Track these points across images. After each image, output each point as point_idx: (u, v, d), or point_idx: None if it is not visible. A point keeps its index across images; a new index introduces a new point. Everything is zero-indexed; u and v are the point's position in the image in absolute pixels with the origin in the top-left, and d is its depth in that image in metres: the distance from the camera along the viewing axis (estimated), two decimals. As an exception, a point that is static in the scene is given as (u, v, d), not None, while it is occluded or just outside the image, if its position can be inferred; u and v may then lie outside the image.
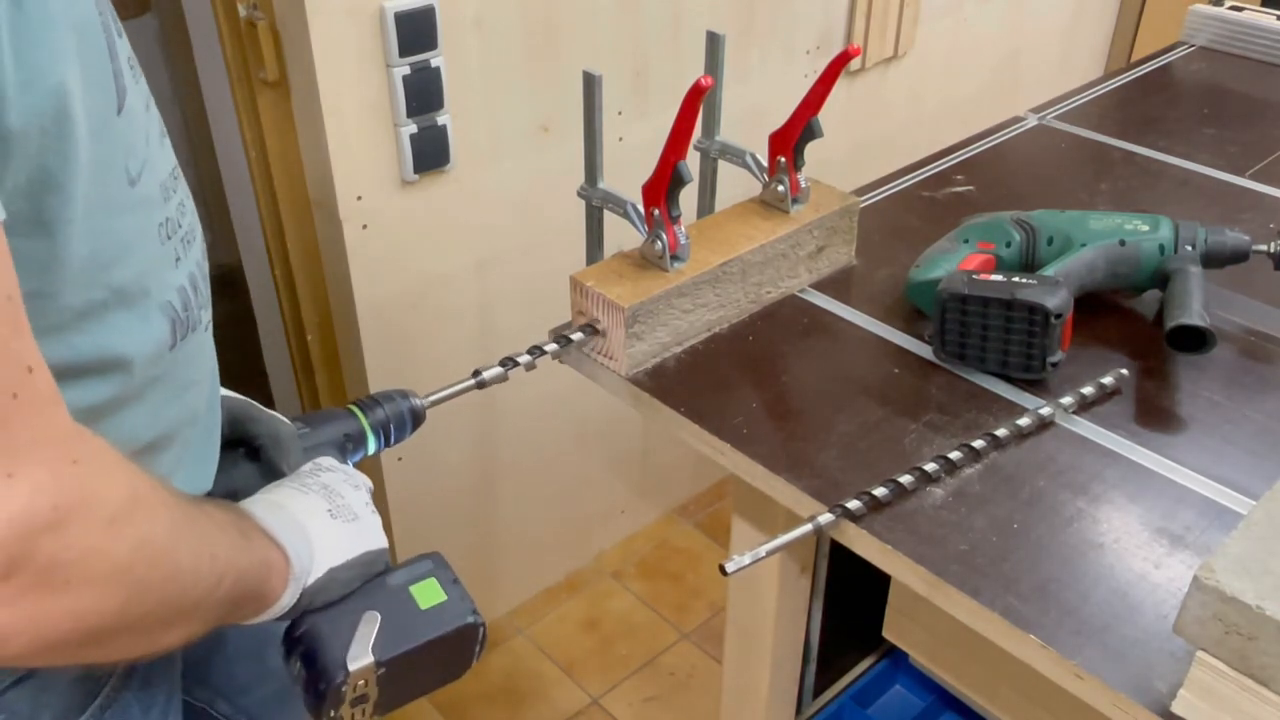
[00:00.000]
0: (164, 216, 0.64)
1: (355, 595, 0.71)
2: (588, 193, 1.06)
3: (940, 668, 1.24)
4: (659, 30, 1.64)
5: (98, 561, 0.51)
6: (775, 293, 1.11)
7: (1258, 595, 0.62)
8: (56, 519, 0.49)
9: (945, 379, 1.00)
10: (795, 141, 1.06)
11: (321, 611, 0.70)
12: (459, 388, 0.95)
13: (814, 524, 0.84)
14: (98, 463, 0.52)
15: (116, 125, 0.58)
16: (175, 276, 0.66)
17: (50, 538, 0.48)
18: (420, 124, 1.41)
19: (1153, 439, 0.93)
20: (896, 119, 2.16)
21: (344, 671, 0.68)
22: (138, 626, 0.56)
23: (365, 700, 0.70)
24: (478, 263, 1.60)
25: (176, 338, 0.66)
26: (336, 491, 0.74)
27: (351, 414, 0.86)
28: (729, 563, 0.80)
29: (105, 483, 0.52)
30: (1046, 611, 0.77)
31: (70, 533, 0.49)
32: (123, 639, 0.56)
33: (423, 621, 0.72)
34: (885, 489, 0.85)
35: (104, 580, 0.52)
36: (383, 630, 0.70)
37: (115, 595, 0.53)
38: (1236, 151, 1.44)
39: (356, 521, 0.72)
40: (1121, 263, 1.06)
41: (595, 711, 1.83)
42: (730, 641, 1.28)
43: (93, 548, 0.51)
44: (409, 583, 0.73)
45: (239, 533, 0.65)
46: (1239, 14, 1.76)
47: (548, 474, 1.91)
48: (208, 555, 0.60)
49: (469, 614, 0.73)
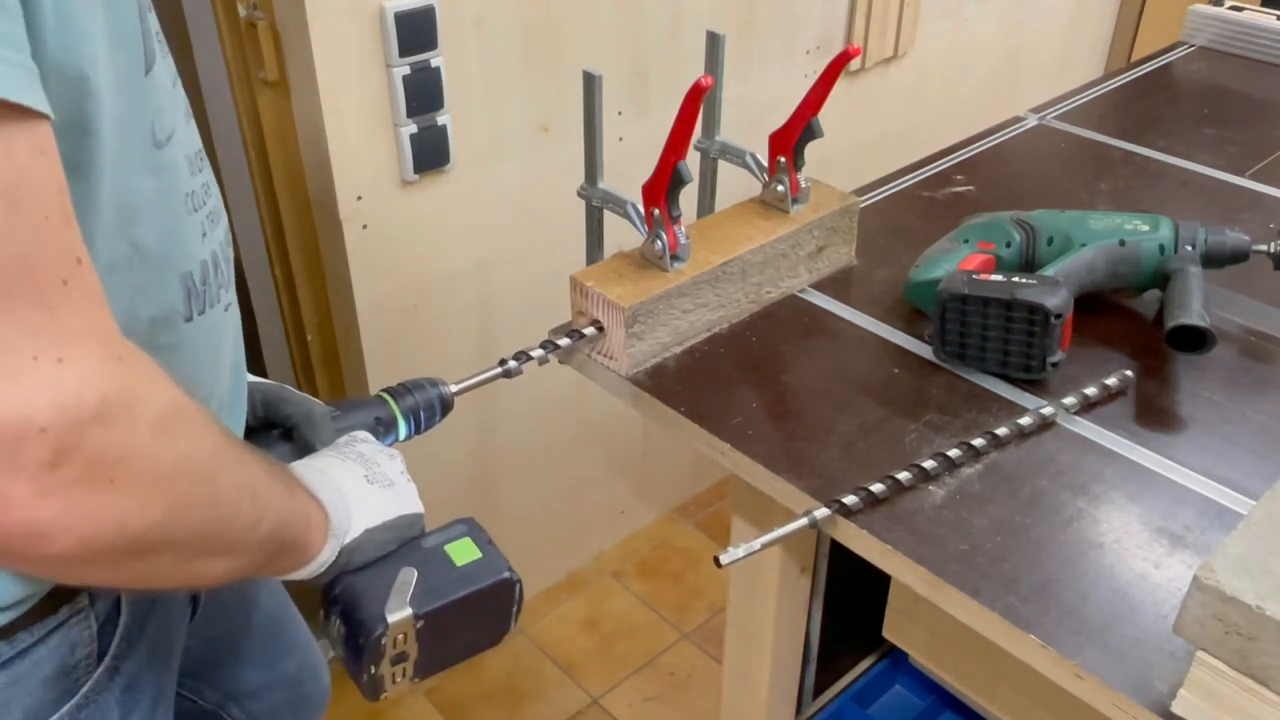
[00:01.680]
0: (190, 189, 0.65)
1: (391, 556, 0.72)
2: (588, 193, 1.06)
3: (940, 668, 1.24)
4: (659, 30, 1.64)
5: (142, 464, 0.52)
6: (775, 293, 1.11)
7: (1258, 595, 0.62)
8: (104, 412, 0.49)
9: (945, 379, 1.00)
10: (795, 141, 1.06)
11: (358, 571, 0.71)
12: (486, 376, 0.96)
13: (809, 518, 0.84)
14: (142, 367, 0.53)
15: (144, 85, 0.59)
16: (199, 250, 0.67)
17: (98, 430, 0.49)
18: (420, 124, 1.41)
19: (1153, 439, 0.93)
20: (896, 119, 2.16)
21: (383, 624, 0.68)
22: (179, 547, 0.56)
23: (405, 659, 0.71)
24: (478, 263, 1.60)
25: (193, 310, 0.67)
26: (372, 460, 0.75)
27: (382, 400, 0.87)
28: (723, 555, 0.81)
29: (150, 387, 0.53)
30: (1046, 611, 0.77)
31: (116, 429, 0.50)
32: (163, 558, 0.56)
33: (459, 577, 0.73)
34: (882, 485, 0.85)
35: (148, 485, 0.52)
36: (420, 585, 0.70)
37: (158, 503, 0.53)
38: (1236, 151, 1.44)
39: (392, 487, 0.74)
40: (1121, 263, 1.06)
41: (595, 711, 1.83)
42: (730, 641, 1.28)
43: (138, 449, 0.51)
44: (444, 543, 0.75)
45: (281, 482, 0.66)
46: (1239, 14, 1.76)
47: (548, 474, 1.91)
48: (249, 491, 0.61)
49: (504, 570, 0.74)
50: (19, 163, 0.46)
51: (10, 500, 0.47)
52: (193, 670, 0.91)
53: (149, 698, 0.74)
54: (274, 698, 1.01)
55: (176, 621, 0.79)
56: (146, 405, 0.51)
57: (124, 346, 0.52)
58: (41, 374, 0.47)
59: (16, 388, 0.46)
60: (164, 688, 0.77)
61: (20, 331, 0.46)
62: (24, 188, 0.47)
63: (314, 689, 1.06)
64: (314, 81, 1.32)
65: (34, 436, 0.46)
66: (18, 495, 0.47)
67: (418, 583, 0.70)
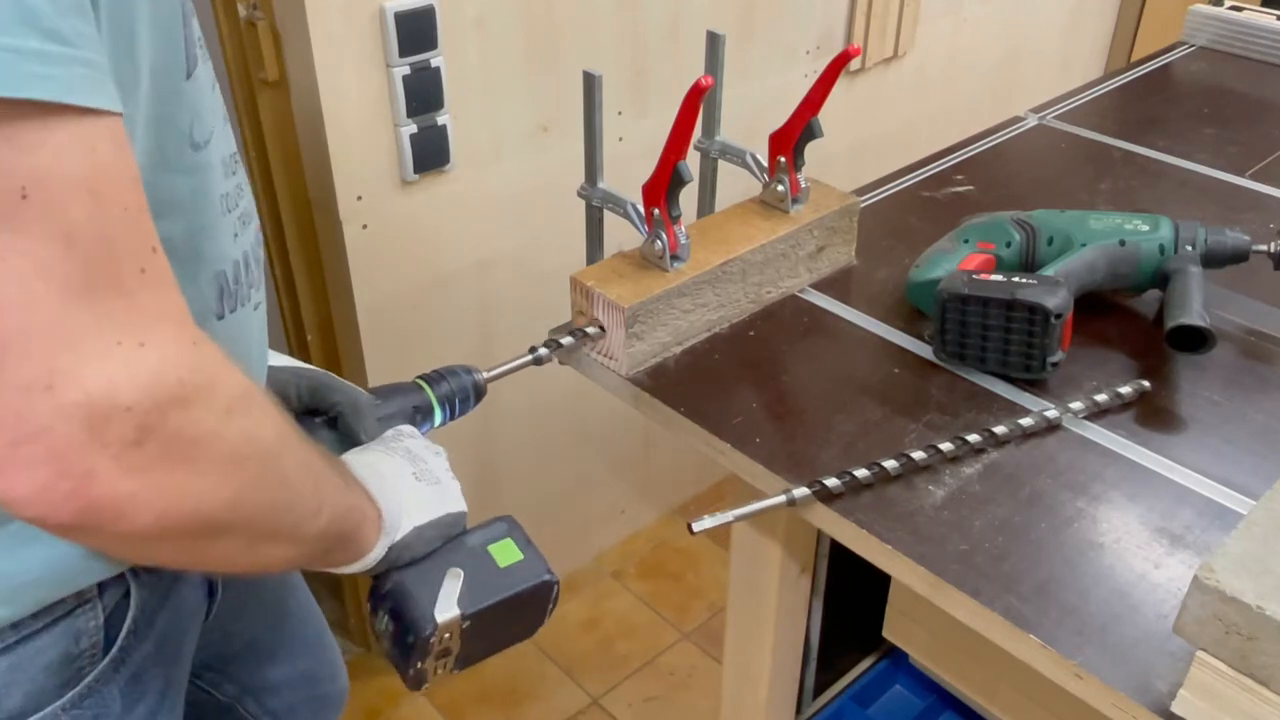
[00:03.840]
0: (225, 190, 0.67)
1: (437, 554, 0.74)
2: (588, 193, 1.06)
3: (940, 668, 1.24)
4: (659, 30, 1.64)
5: (217, 445, 0.54)
6: (775, 293, 1.11)
7: (1258, 595, 0.62)
8: (183, 394, 0.51)
9: (945, 379, 1.00)
10: (795, 141, 1.06)
11: (406, 568, 0.73)
12: (517, 363, 0.98)
13: (787, 495, 0.86)
14: (213, 352, 0.54)
15: (184, 89, 0.61)
16: (232, 249, 0.68)
17: (178, 411, 0.51)
18: (420, 124, 1.41)
19: (1153, 439, 0.93)
20: (896, 119, 2.16)
21: (432, 624, 0.70)
22: (246, 529, 0.58)
23: (448, 654, 0.73)
24: (478, 263, 1.60)
25: (225, 308, 0.69)
26: (420, 456, 0.77)
27: (418, 387, 0.88)
28: (696, 522, 0.83)
29: (222, 371, 0.54)
30: (1046, 611, 0.77)
31: (194, 410, 0.52)
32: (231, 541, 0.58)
33: (503, 578, 0.75)
34: (866, 470, 0.86)
35: (222, 465, 0.54)
36: (466, 587, 0.72)
37: (230, 483, 0.55)
38: (1236, 151, 1.44)
39: (439, 485, 0.75)
40: (1122, 263, 1.06)
41: (595, 711, 1.83)
42: (730, 641, 1.28)
43: (213, 430, 0.53)
44: (487, 543, 0.76)
45: (338, 474, 0.68)
46: (1239, 14, 1.76)
47: (548, 474, 1.91)
48: (311, 479, 0.63)
49: (545, 572, 0.76)
50: (100, 157, 0.49)
51: (96, 476, 0.49)
52: (211, 663, 0.92)
53: (155, 690, 0.74)
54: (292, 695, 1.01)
55: (188, 617, 0.80)
56: (219, 388, 0.54)
57: (197, 332, 0.53)
58: (125, 357, 0.49)
59: (103, 370, 0.48)
60: (172, 681, 0.77)
61: (104, 319, 0.49)
62: (105, 181, 0.49)
63: (332, 689, 1.07)
64: (314, 81, 1.32)
65: (120, 415, 0.48)
66: (103, 471, 0.49)
67: (463, 584, 0.72)
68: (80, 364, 0.48)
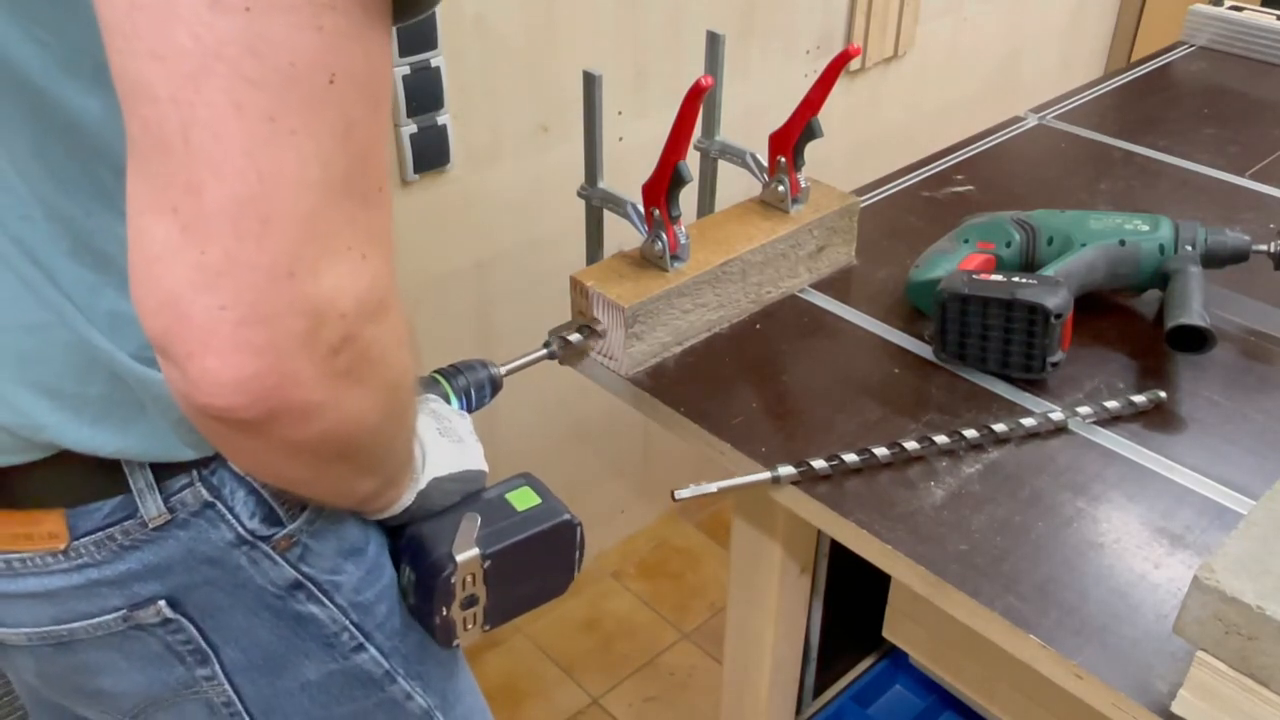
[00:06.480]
0: None
1: (454, 507, 0.74)
2: (588, 193, 1.06)
3: (940, 668, 1.24)
4: (659, 30, 1.64)
5: (385, 371, 0.53)
6: (775, 293, 1.11)
7: (1258, 595, 0.62)
8: (379, 313, 0.51)
9: (945, 379, 1.00)
10: (795, 141, 1.06)
11: (423, 521, 0.73)
12: (532, 357, 0.99)
13: (773, 473, 0.87)
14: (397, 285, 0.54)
15: None
16: None
17: (371, 328, 0.50)
18: (420, 124, 1.41)
19: (1153, 439, 0.93)
20: (896, 119, 2.16)
21: (451, 563, 0.70)
22: (366, 457, 0.58)
23: (475, 603, 0.72)
24: (478, 263, 1.60)
25: None
26: (445, 416, 0.77)
27: (435, 380, 0.89)
28: (680, 490, 0.84)
29: (400, 304, 0.54)
30: (1046, 611, 0.77)
31: (382, 330, 0.51)
32: (345, 466, 0.57)
33: (521, 520, 0.75)
34: (855, 456, 0.86)
35: (384, 391, 0.54)
36: (484, 529, 0.72)
37: (380, 410, 0.55)
38: (1236, 151, 1.44)
39: (461, 444, 0.76)
40: (1121, 263, 1.06)
41: (595, 711, 1.83)
42: (730, 641, 1.28)
43: (386, 355, 0.53)
44: (504, 493, 0.77)
45: None
46: (1239, 14, 1.76)
47: (547, 474, 1.89)
48: (412, 419, 0.63)
49: (565, 512, 0.77)
50: (375, 64, 0.48)
51: (299, 380, 0.48)
52: None
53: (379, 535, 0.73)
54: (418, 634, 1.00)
55: None
56: (400, 316, 0.53)
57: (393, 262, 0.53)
58: (353, 265, 0.48)
59: (335, 271, 0.47)
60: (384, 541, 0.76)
61: (348, 222, 0.48)
62: (379, 89, 0.49)
63: None
64: (314, 81, 1.32)
65: (334, 320, 0.48)
66: (305, 376, 0.48)
67: (481, 526, 0.72)
68: (320, 259, 0.47)
